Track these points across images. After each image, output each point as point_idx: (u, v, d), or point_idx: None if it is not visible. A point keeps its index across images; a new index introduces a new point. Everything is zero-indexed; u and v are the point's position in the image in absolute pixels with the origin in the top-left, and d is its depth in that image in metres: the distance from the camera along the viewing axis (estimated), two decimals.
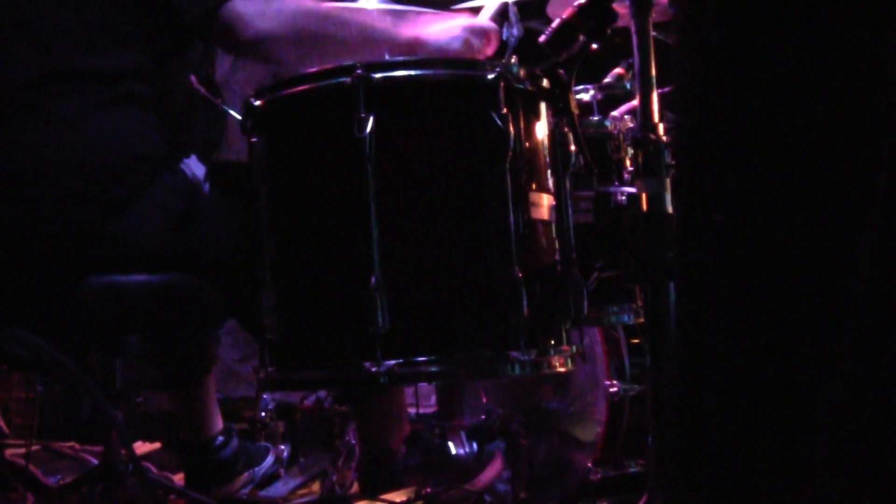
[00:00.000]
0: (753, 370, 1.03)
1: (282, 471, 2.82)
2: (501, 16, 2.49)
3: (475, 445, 2.66)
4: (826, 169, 0.98)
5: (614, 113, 2.53)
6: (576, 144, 1.88)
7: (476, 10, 2.62)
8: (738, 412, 1.05)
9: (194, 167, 2.14)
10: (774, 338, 1.02)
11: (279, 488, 2.72)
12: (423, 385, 3.11)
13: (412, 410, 3.17)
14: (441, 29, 2.22)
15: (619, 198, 2.17)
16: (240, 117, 2.04)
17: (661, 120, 1.71)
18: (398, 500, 2.09)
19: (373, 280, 1.67)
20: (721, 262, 1.05)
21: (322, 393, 3.22)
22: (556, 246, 1.85)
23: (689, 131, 1.10)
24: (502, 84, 1.75)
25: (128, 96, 2.07)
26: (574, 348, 1.87)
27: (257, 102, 1.84)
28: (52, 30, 2.07)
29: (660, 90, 1.73)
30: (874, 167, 0.91)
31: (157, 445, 3.14)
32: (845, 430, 0.94)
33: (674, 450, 1.15)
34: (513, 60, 2.82)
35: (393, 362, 1.67)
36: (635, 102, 1.76)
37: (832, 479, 0.98)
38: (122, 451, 2.20)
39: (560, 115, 1.87)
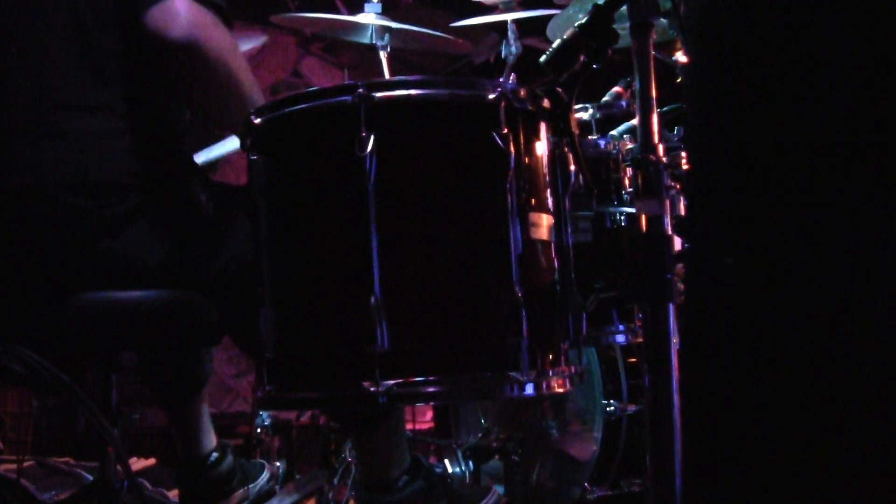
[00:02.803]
0: (765, 411, 1.03)
1: (277, 487, 2.81)
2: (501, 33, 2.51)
3: (471, 464, 2.66)
4: (840, 212, 0.98)
5: (613, 132, 2.53)
6: (576, 164, 1.88)
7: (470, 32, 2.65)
8: (750, 442, 1.04)
9: (196, 188, 2.14)
10: (789, 377, 1.01)
11: None
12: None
13: (409, 426, 3.17)
14: None
15: (619, 218, 2.17)
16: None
17: (660, 140, 1.71)
18: None
19: (372, 299, 1.66)
20: (732, 305, 1.05)
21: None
22: (556, 266, 1.85)
23: (701, 173, 1.10)
24: (503, 104, 1.76)
25: (130, 115, 2.07)
26: (573, 368, 1.87)
27: (257, 120, 1.84)
28: (52, 53, 2.07)
29: (659, 110, 1.73)
30: (888, 213, 0.90)
31: (152, 462, 3.14)
32: (861, 460, 0.93)
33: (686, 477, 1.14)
34: (511, 78, 2.84)
35: (392, 382, 1.66)
36: (635, 122, 1.76)
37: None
38: (118, 468, 2.20)
39: (560, 134, 1.88)
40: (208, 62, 2.03)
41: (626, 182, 2.22)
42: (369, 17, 3.08)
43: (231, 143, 3.14)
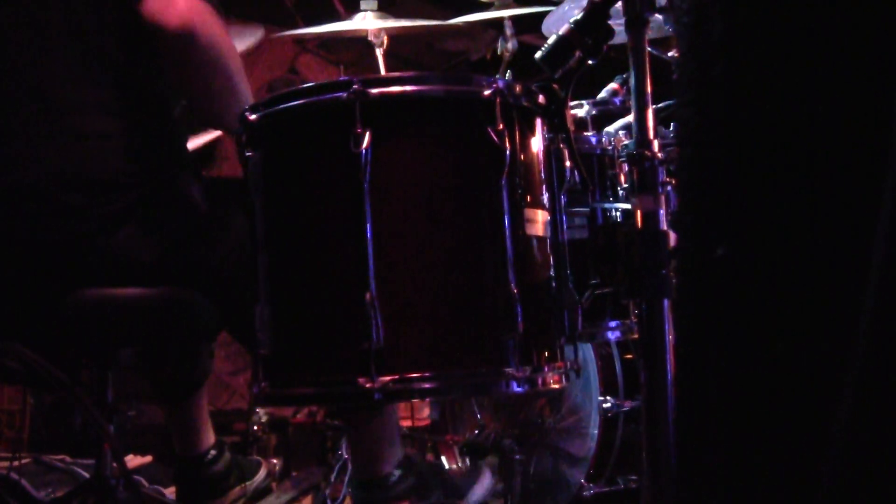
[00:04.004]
0: (757, 406, 1.03)
1: (273, 485, 2.81)
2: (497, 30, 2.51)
3: (468, 460, 2.66)
4: (829, 202, 0.98)
5: (609, 129, 2.54)
6: (571, 160, 1.88)
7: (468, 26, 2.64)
8: (741, 438, 1.05)
9: (191, 185, 2.14)
10: (780, 372, 1.01)
11: (271, 502, 2.72)
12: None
13: (407, 423, 3.17)
14: None
15: (614, 214, 2.17)
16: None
17: (656, 136, 1.71)
18: None
19: (367, 296, 1.66)
20: (723, 296, 1.05)
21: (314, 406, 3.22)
22: (551, 262, 1.85)
23: (692, 164, 1.10)
24: (498, 100, 1.75)
25: (126, 114, 2.08)
26: (568, 364, 1.87)
27: (253, 117, 1.84)
28: (50, 53, 2.07)
29: (655, 106, 1.73)
30: (876, 202, 0.91)
31: (148, 459, 3.13)
32: (850, 457, 0.93)
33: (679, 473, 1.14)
34: (507, 75, 2.84)
35: (387, 378, 1.66)
36: (630, 118, 1.76)
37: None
38: (114, 465, 2.19)
39: (556, 131, 1.88)
40: (203, 50, 2.04)
41: (622, 178, 2.22)
42: (366, 15, 3.08)
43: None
